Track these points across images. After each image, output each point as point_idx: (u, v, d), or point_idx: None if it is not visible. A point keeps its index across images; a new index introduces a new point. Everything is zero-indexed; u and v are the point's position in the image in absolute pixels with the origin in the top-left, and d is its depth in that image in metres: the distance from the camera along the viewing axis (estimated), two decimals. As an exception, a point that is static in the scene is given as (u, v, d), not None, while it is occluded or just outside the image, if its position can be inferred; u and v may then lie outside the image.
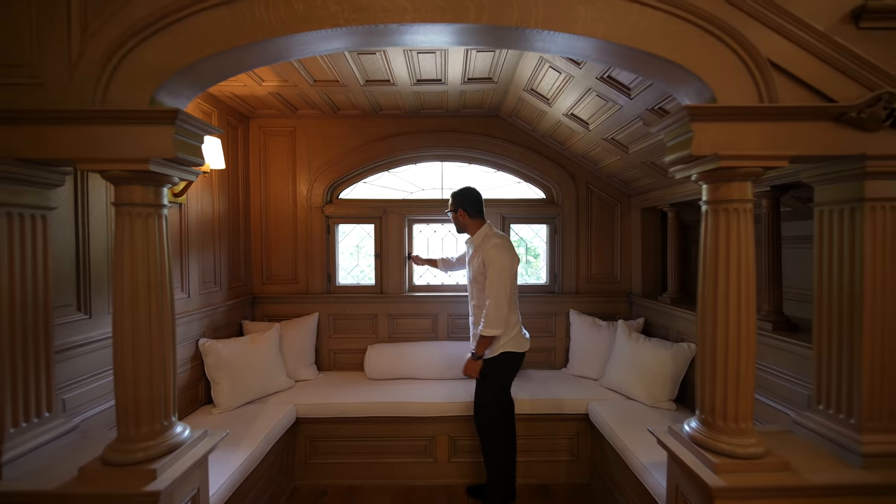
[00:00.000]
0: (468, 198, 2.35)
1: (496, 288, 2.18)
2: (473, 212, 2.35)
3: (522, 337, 2.34)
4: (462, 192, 2.38)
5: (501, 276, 2.19)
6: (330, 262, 3.19)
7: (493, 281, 2.18)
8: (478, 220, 2.36)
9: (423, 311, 3.16)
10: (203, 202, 2.58)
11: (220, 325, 2.73)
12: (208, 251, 2.63)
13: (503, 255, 2.21)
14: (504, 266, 2.20)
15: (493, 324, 2.18)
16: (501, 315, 2.19)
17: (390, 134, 3.12)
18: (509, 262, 2.23)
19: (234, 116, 2.91)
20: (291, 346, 2.91)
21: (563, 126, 2.69)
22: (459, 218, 2.36)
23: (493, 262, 2.19)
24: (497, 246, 2.22)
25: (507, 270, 2.22)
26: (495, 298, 2.18)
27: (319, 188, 3.13)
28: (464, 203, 2.35)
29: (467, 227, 2.37)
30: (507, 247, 2.26)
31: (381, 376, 2.92)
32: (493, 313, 2.17)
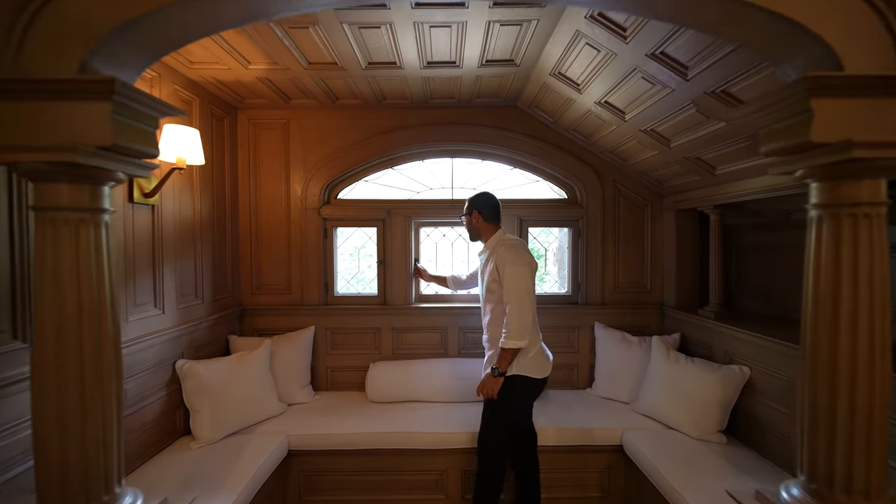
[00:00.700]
0: (485, 200, 2.12)
1: (516, 291, 1.90)
2: (489, 214, 2.09)
3: (544, 358, 2.03)
4: (478, 194, 2.16)
5: (519, 278, 1.92)
6: (327, 269, 2.86)
7: (511, 284, 1.91)
8: (492, 225, 2.11)
9: (431, 324, 2.83)
10: (182, 203, 2.25)
11: (202, 342, 2.40)
12: (188, 259, 2.30)
13: (518, 256, 1.95)
14: (520, 268, 1.93)
15: (516, 333, 1.87)
16: (525, 322, 1.89)
17: (395, 127, 2.79)
18: (526, 263, 1.96)
19: (219, 106, 2.58)
20: (284, 365, 2.58)
21: (591, 117, 2.36)
22: (473, 221, 2.11)
23: (507, 264, 1.93)
24: (511, 246, 1.98)
25: (525, 272, 1.94)
26: (517, 302, 1.89)
27: (315, 187, 2.80)
28: (479, 205, 2.10)
29: (481, 233, 2.12)
30: (521, 248, 2.01)
31: (385, 398, 2.60)
32: (516, 320, 1.88)
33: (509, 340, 1.88)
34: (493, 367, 1.94)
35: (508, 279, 1.91)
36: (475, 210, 2.10)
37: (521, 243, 2.02)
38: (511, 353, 1.90)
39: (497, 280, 1.97)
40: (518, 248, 1.99)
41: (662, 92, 1.81)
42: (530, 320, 1.92)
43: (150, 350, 2.01)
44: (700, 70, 1.57)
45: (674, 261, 2.75)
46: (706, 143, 1.99)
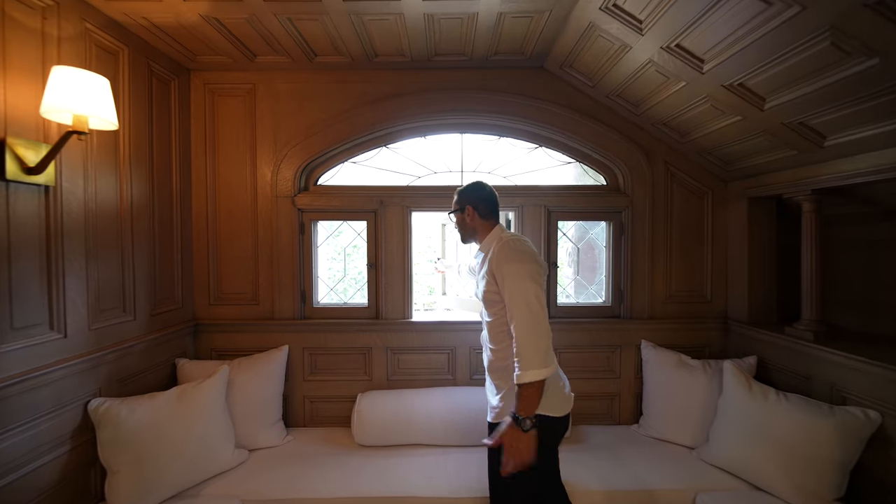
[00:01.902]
0: (479, 193, 1.60)
1: (521, 300, 1.34)
2: (486, 209, 1.59)
3: (563, 386, 1.45)
4: (470, 186, 1.63)
5: (521, 282, 1.36)
6: (304, 273, 2.27)
7: (513, 292, 1.36)
8: (489, 221, 1.59)
9: (435, 342, 2.25)
10: (101, 185, 1.66)
11: (133, 371, 1.82)
12: (111, 260, 1.71)
13: (516, 253, 1.40)
14: (521, 268, 1.37)
15: (534, 358, 1.30)
16: (542, 341, 1.32)
17: (389, 93, 2.21)
18: (530, 261, 1.40)
19: (162, 64, 1.99)
20: (246, 398, 1.99)
21: (649, 73, 1.78)
22: (467, 219, 1.60)
23: (504, 264, 1.39)
24: (506, 243, 1.44)
25: (529, 272, 1.37)
26: (525, 316, 1.33)
27: (289, 170, 2.21)
28: (473, 199, 1.59)
29: (477, 232, 1.60)
30: (520, 243, 1.45)
31: (376, 441, 2.01)
32: (530, 340, 1.31)
33: (527, 371, 1.29)
34: (514, 415, 1.32)
35: (509, 286, 1.37)
36: (468, 205, 1.58)
37: (517, 240, 1.47)
38: (534, 390, 1.31)
39: (495, 289, 1.43)
40: (515, 243, 1.44)
41: (782, 16, 1.23)
42: (547, 337, 1.34)
43: (43, 390, 1.42)
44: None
45: (745, 262, 2.17)
46: (826, 98, 1.41)
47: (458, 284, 2.44)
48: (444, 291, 2.77)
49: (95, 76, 1.36)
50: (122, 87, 1.76)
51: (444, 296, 2.76)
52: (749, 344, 2.13)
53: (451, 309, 2.59)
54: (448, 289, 2.75)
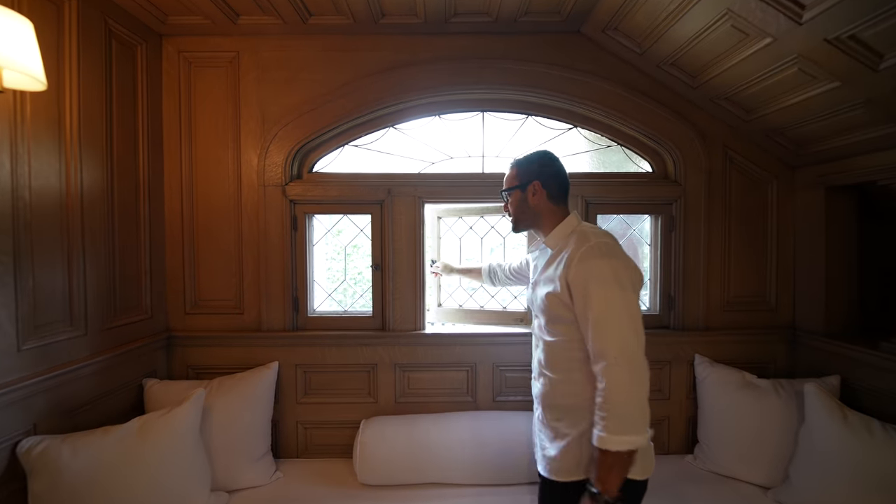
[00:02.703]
0: (549, 166, 1.23)
1: (616, 342, 1.01)
2: (557, 189, 1.21)
3: (650, 446, 1.11)
4: (536, 155, 1.26)
5: (619, 310, 1.02)
6: (298, 277, 1.93)
7: (606, 329, 1.02)
8: (560, 207, 1.22)
9: (452, 358, 1.91)
10: (35, 167, 1.31)
11: (84, 399, 1.47)
12: (52, 261, 1.37)
13: (613, 268, 1.05)
14: (619, 294, 1.03)
15: (626, 423, 0.98)
16: (641, 401, 1.00)
17: (398, 63, 1.87)
18: (627, 281, 1.05)
19: (126, 24, 1.64)
20: (227, 426, 1.65)
21: (721, 31, 1.44)
22: (530, 199, 1.21)
23: (595, 284, 1.04)
24: (595, 250, 1.06)
25: (629, 299, 1.04)
26: (620, 364, 1.00)
27: (279, 154, 1.87)
28: (542, 173, 1.21)
29: (541, 218, 1.22)
30: (615, 255, 1.08)
31: (384, 480, 1.67)
32: (623, 397, 0.99)
33: (618, 437, 0.97)
34: (593, 491, 0.99)
35: (598, 312, 1.03)
36: (537, 180, 1.20)
37: (611, 240, 1.12)
38: (624, 461, 0.98)
39: (568, 304, 1.08)
40: (609, 248, 1.08)
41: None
42: (647, 389, 1.01)
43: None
44: None
45: (822, 263, 1.83)
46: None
47: (458, 293, 2.09)
48: (438, 302, 2.10)
49: (12, 15, 1.02)
50: (68, 47, 1.41)
51: (440, 307, 2.08)
52: (825, 360, 1.79)
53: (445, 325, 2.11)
54: (444, 299, 2.10)
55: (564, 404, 1.12)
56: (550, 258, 1.17)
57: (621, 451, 0.97)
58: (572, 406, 1.10)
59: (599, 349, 1.02)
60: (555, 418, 1.14)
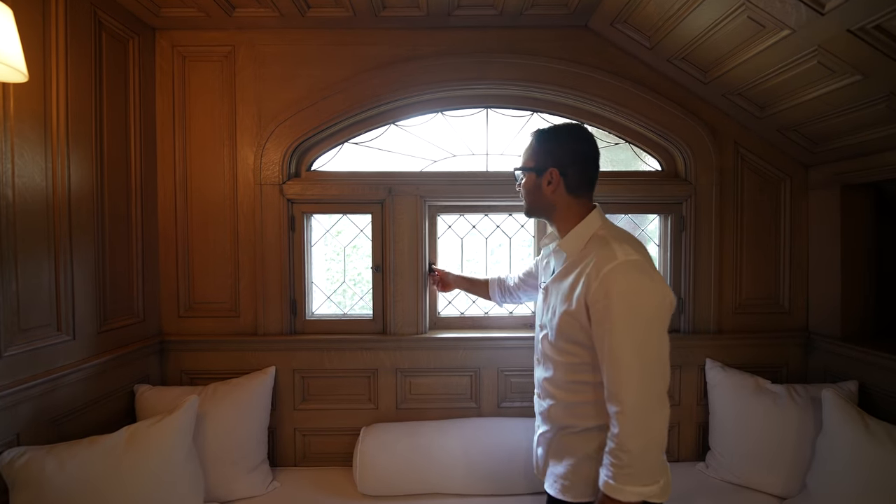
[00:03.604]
0: (575, 144, 1.04)
1: (636, 379, 0.90)
2: (579, 179, 1.04)
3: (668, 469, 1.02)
4: (563, 134, 1.06)
5: (646, 351, 0.90)
6: (296, 278, 1.87)
7: (623, 362, 0.90)
8: (582, 199, 1.06)
9: (455, 362, 1.84)
10: (19, 165, 1.25)
11: (72, 407, 1.41)
12: (37, 264, 1.30)
13: (643, 288, 0.91)
14: (652, 339, 0.91)
15: (639, 474, 0.90)
16: (658, 452, 0.92)
17: (399, 58, 1.81)
18: (658, 311, 0.93)
19: (117, 17, 1.58)
20: (222, 434, 1.59)
21: (737, 23, 1.38)
22: (545, 187, 1.05)
23: (619, 306, 0.90)
24: (626, 272, 0.92)
25: (656, 335, 0.92)
26: (641, 412, 0.90)
27: (276, 152, 1.81)
28: (564, 159, 1.03)
29: (555, 212, 1.06)
30: (647, 273, 0.94)
31: (385, 489, 1.61)
32: (639, 447, 0.89)
33: (627, 486, 0.89)
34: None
35: (620, 350, 0.90)
36: (554, 167, 1.03)
37: (640, 255, 0.96)
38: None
39: (586, 327, 0.96)
40: (640, 271, 0.93)
41: None
42: (665, 435, 0.93)
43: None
44: None
45: (836, 264, 1.77)
46: None
47: (460, 298, 2.00)
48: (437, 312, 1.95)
49: (-11, 1, 0.96)
50: (55, 39, 1.35)
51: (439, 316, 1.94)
52: (841, 364, 1.73)
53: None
54: (443, 307, 1.97)
55: (574, 424, 1.05)
56: (567, 266, 1.03)
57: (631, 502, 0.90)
58: (584, 427, 1.03)
59: (615, 392, 0.91)
60: (565, 436, 1.07)
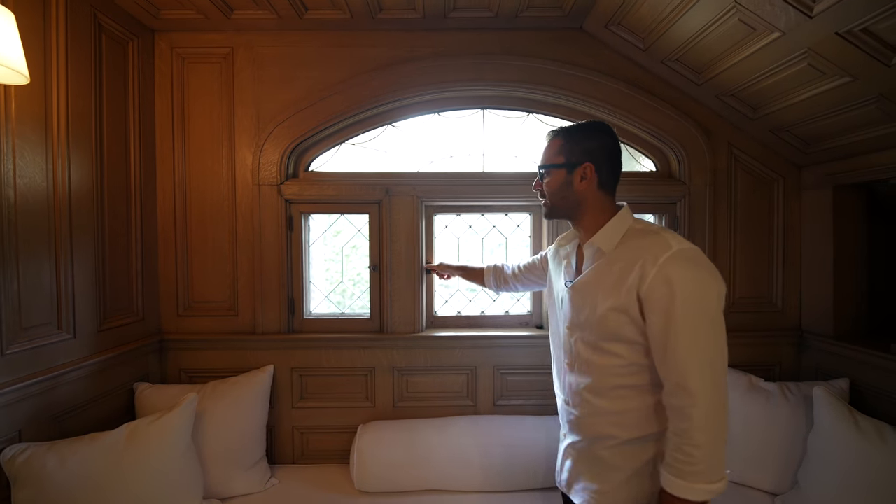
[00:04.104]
0: (607, 145, 1.03)
1: (710, 381, 0.87)
2: (609, 177, 1.04)
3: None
4: (594, 131, 1.04)
5: (711, 340, 0.88)
6: (294, 277, 1.89)
7: (690, 353, 0.87)
8: (610, 196, 1.05)
9: (451, 361, 1.86)
10: (20, 166, 1.26)
11: (73, 404, 1.43)
12: (37, 264, 1.32)
13: (705, 286, 0.89)
14: (710, 317, 0.88)
15: (712, 469, 0.86)
16: (725, 437, 0.89)
17: (396, 60, 1.83)
18: (717, 299, 0.91)
19: (117, 20, 1.60)
20: (221, 432, 1.61)
21: (728, 25, 1.40)
22: (577, 182, 1.01)
23: (684, 304, 0.87)
24: (684, 260, 0.90)
25: (718, 324, 0.89)
26: (713, 407, 0.87)
27: (274, 152, 1.83)
28: (598, 155, 1.01)
29: (582, 208, 1.03)
30: (703, 261, 0.92)
31: (381, 486, 1.63)
32: (711, 442, 0.86)
33: (699, 484, 0.86)
34: None
35: (686, 341, 0.88)
36: (589, 162, 1.00)
37: (691, 244, 0.95)
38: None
39: (638, 322, 0.93)
40: (697, 260, 0.92)
41: None
42: (727, 425, 0.90)
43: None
44: None
45: (829, 264, 1.79)
46: None
47: (457, 297, 2.04)
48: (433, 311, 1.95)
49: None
50: (56, 42, 1.36)
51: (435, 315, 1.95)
52: (834, 363, 1.75)
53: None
54: (440, 306, 1.96)
55: (616, 435, 0.98)
56: (605, 262, 0.99)
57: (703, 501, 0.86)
58: (627, 439, 0.97)
59: (682, 384, 0.87)
60: (604, 448, 1.00)
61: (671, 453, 0.90)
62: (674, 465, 0.89)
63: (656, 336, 0.91)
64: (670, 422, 0.91)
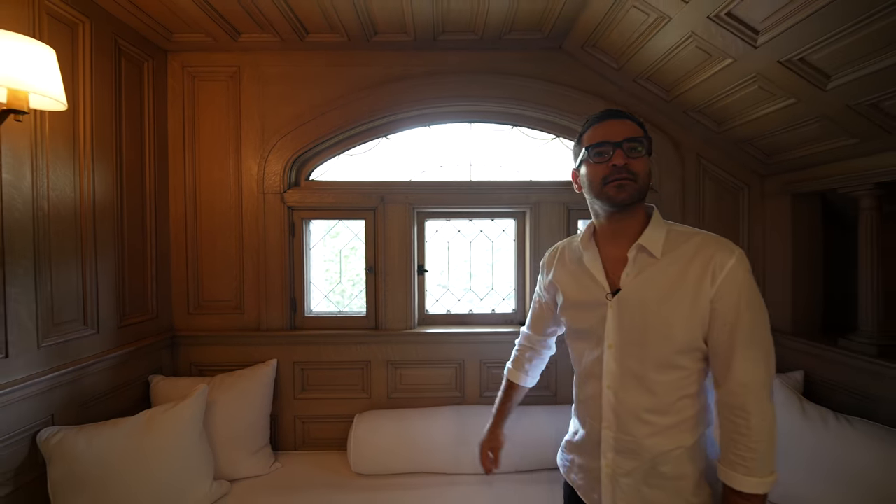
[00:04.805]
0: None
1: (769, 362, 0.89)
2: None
3: None
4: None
5: (769, 335, 0.90)
6: (295, 278, 2.04)
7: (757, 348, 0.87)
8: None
9: (440, 355, 2.02)
10: (53, 179, 1.42)
11: (96, 393, 1.58)
12: (67, 266, 1.48)
13: (755, 284, 0.91)
14: (765, 310, 0.91)
15: (771, 460, 0.87)
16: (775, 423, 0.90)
17: (390, 77, 1.98)
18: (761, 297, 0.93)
19: (134, 43, 1.76)
20: (230, 419, 1.76)
21: (688, 51, 1.56)
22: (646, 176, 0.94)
23: (749, 303, 0.88)
24: (745, 262, 0.91)
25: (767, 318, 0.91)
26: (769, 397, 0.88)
27: (277, 163, 1.98)
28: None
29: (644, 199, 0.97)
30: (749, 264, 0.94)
31: (376, 469, 1.78)
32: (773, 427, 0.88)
33: (765, 477, 0.85)
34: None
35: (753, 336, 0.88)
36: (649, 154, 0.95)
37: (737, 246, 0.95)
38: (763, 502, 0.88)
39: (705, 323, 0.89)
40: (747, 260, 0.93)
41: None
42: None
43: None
44: None
45: (788, 266, 1.94)
46: None
47: (446, 296, 2.19)
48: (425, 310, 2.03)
49: (37, 44, 1.13)
50: (83, 66, 1.52)
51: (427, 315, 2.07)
52: (792, 357, 1.90)
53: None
54: (431, 306, 2.05)
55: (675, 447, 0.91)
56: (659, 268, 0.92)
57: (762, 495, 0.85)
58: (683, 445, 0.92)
59: (745, 378, 0.86)
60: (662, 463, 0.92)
61: (738, 452, 0.87)
62: (743, 463, 0.86)
63: (721, 337, 0.88)
64: (731, 422, 0.88)
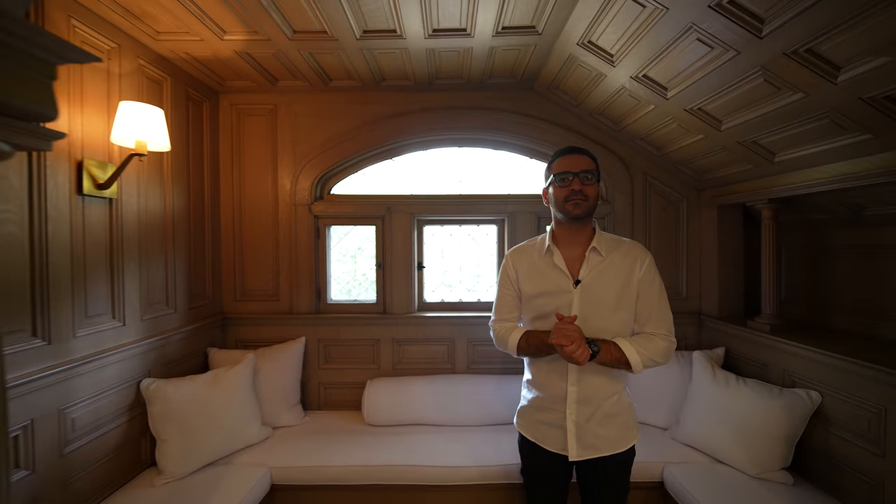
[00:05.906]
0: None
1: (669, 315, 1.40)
2: None
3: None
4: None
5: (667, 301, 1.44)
6: (320, 273, 2.55)
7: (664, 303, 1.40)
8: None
9: (435, 335, 2.51)
10: (150, 197, 1.94)
11: (175, 357, 2.09)
12: (157, 262, 1.99)
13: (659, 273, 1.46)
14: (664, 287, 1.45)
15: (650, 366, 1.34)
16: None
17: (395, 112, 2.48)
18: None
19: (197, 89, 2.27)
20: (270, 382, 2.27)
21: (624, 96, 2.03)
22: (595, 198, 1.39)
23: (657, 276, 1.41)
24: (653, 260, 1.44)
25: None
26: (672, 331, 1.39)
27: (306, 181, 2.49)
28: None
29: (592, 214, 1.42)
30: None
31: (384, 421, 2.27)
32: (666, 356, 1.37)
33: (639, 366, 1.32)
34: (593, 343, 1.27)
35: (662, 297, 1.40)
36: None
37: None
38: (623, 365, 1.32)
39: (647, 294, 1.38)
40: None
41: (722, 57, 1.47)
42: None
43: (107, 369, 1.70)
44: (782, 23, 1.23)
45: (715, 264, 2.40)
46: (769, 122, 1.65)
47: (440, 289, 2.68)
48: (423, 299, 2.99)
49: (153, 109, 1.64)
50: (166, 112, 2.04)
51: (424, 302, 3.00)
52: (719, 337, 2.36)
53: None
54: (429, 295, 2.71)
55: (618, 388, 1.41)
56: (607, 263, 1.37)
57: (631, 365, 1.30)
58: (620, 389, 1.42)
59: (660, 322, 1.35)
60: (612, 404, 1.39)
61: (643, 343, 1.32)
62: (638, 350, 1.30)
63: (649, 303, 1.37)
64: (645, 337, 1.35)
